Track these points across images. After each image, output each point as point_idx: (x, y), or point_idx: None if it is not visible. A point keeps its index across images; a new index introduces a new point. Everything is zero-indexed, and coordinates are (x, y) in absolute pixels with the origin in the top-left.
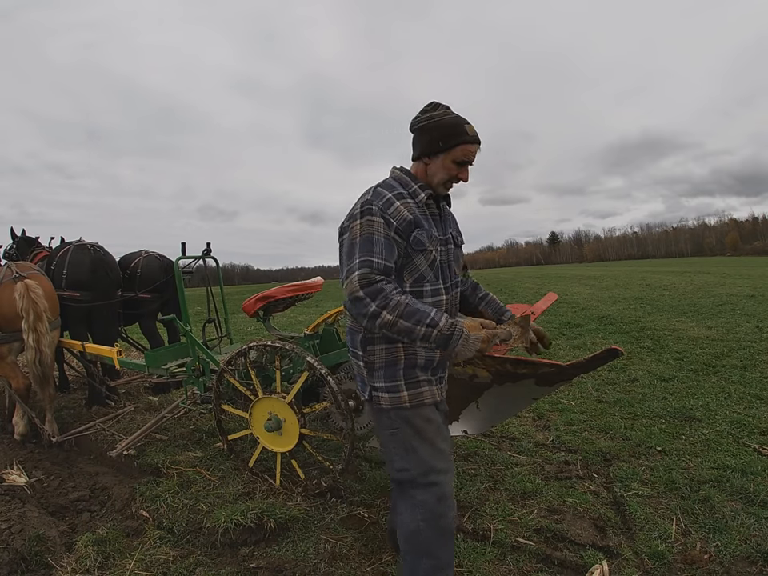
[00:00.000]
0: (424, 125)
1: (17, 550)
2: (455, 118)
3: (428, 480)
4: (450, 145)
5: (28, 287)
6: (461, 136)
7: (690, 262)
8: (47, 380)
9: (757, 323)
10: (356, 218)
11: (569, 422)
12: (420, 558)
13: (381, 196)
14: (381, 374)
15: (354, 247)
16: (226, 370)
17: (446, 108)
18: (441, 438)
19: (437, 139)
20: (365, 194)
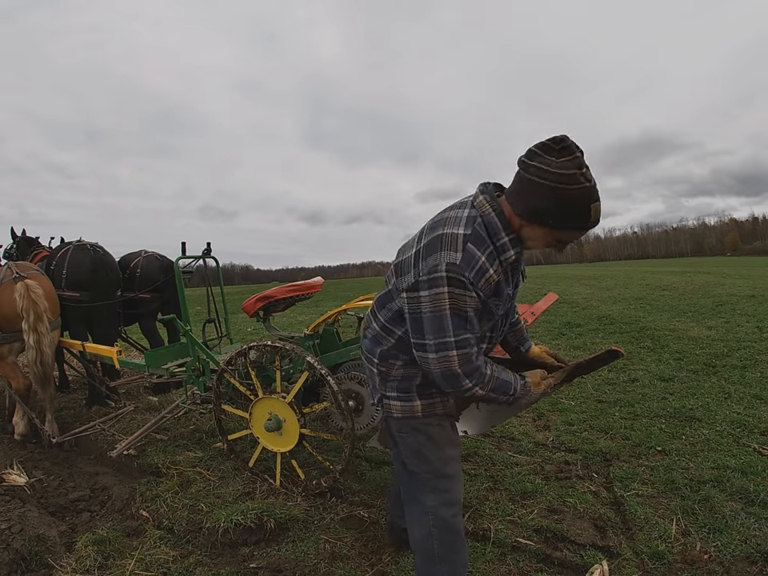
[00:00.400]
0: (540, 182)
1: (17, 550)
2: (584, 192)
3: (438, 485)
4: (564, 227)
5: (28, 287)
6: (582, 221)
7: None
8: (48, 380)
9: (757, 323)
10: (442, 284)
11: (569, 422)
12: (434, 564)
13: (472, 263)
14: (394, 386)
15: (445, 320)
16: (226, 369)
17: (579, 157)
18: (451, 445)
19: (550, 214)
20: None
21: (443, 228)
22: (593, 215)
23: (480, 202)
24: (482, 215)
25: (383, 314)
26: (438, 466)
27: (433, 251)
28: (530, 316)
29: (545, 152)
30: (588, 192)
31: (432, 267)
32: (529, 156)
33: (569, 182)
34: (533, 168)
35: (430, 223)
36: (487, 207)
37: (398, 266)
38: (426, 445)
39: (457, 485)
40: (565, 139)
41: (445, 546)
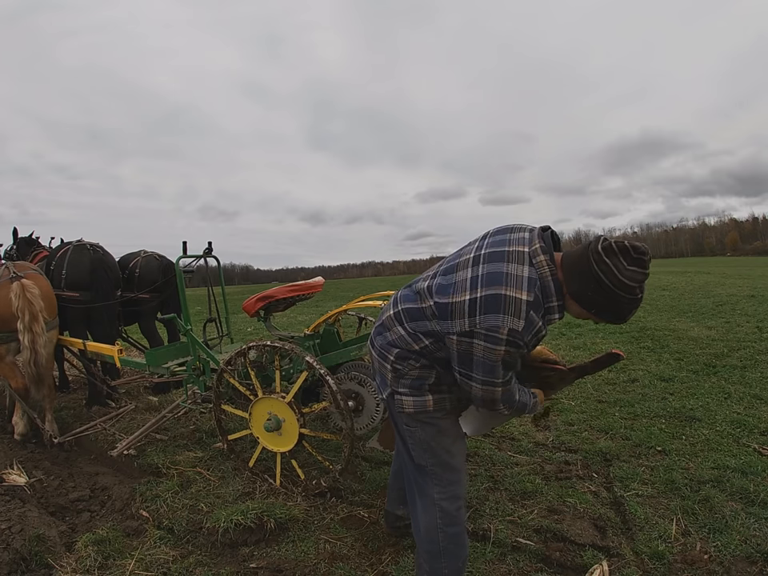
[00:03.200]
0: (604, 281)
1: (17, 550)
2: (633, 303)
3: (445, 478)
4: (601, 318)
5: (24, 287)
6: (616, 320)
7: (689, 262)
8: (42, 380)
9: (757, 323)
10: (500, 344)
11: (569, 422)
12: (438, 558)
13: (530, 328)
14: (407, 383)
15: (496, 368)
16: (226, 369)
17: (646, 273)
18: (458, 439)
19: (596, 306)
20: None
21: (505, 288)
22: (628, 318)
23: (540, 262)
24: (541, 277)
25: (412, 325)
26: (445, 458)
27: (494, 310)
28: None
29: (622, 255)
30: (636, 303)
31: (493, 326)
32: (606, 251)
33: (627, 292)
34: (604, 266)
35: (487, 270)
36: (546, 270)
37: (445, 307)
38: (435, 437)
39: (462, 478)
40: (645, 253)
41: (449, 538)
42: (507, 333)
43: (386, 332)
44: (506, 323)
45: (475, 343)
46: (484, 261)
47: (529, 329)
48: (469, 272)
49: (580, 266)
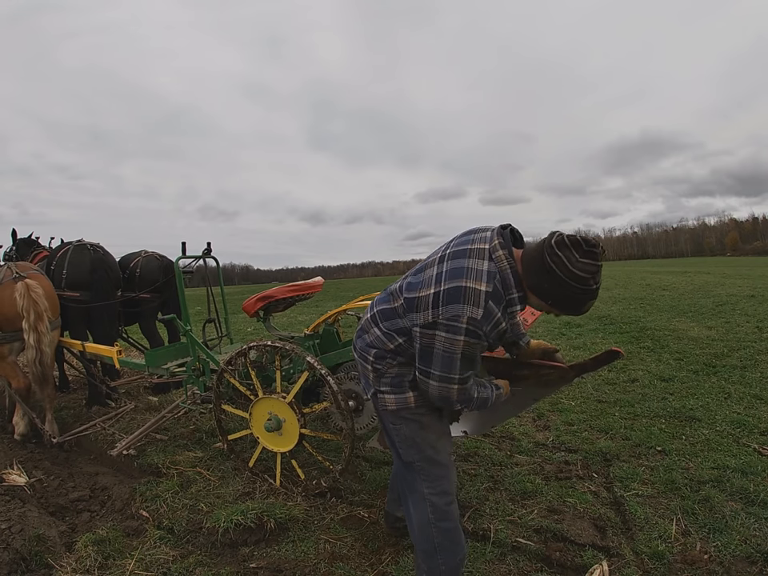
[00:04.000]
0: (557, 272)
1: (17, 550)
2: (587, 294)
3: (432, 473)
4: (559, 310)
5: (29, 287)
6: (574, 311)
7: (689, 262)
8: (47, 380)
9: (757, 323)
10: (460, 333)
11: (569, 422)
12: (434, 555)
13: (491, 318)
14: (387, 381)
15: (454, 362)
16: (226, 369)
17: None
18: (443, 434)
19: (552, 297)
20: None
21: (465, 280)
22: (584, 309)
23: (499, 256)
24: (500, 271)
25: (386, 325)
26: (430, 453)
27: (455, 300)
28: (529, 316)
29: (574, 248)
30: (590, 294)
31: (453, 316)
32: (558, 244)
33: (580, 283)
34: (556, 258)
35: (450, 267)
36: (505, 264)
37: (412, 301)
38: (418, 433)
39: (450, 473)
40: (596, 245)
41: (442, 534)
42: (467, 321)
43: (365, 334)
44: (465, 312)
45: (437, 335)
46: (448, 259)
47: (488, 318)
48: (435, 269)
49: (536, 259)
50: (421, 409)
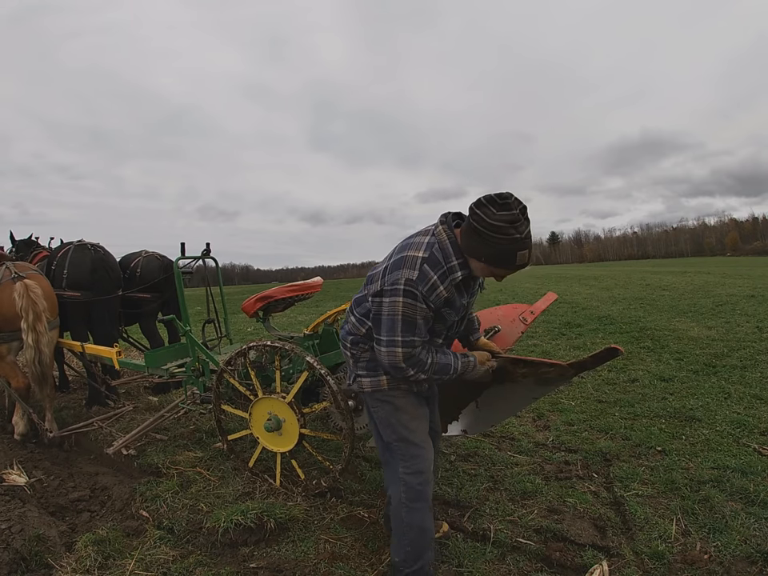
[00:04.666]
0: (479, 229)
1: (17, 550)
2: (512, 243)
3: (407, 452)
4: (495, 266)
5: (27, 287)
6: (508, 264)
7: (689, 262)
8: (46, 379)
9: (757, 323)
10: (398, 294)
11: (569, 422)
12: (403, 532)
13: (426, 280)
14: (363, 365)
15: (396, 323)
16: (226, 370)
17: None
18: (417, 416)
19: (483, 254)
20: (410, 266)
21: (408, 251)
22: (518, 260)
23: (439, 230)
24: (439, 242)
25: (358, 310)
26: (405, 434)
27: (397, 268)
28: (529, 315)
29: (489, 204)
30: (515, 242)
31: (394, 280)
32: (477, 204)
33: (500, 232)
34: (476, 216)
35: (399, 245)
36: (443, 236)
37: (371, 277)
38: (393, 414)
39: (424, 453)
40: (509, 197)
41: (411, 513)
42: (404, 282)
43: (346, 324)
44: (402, 275)
45: (382, 301)
46: (401, 242)
47: (423, 280)
48: (391, 253)
49: (464, 226)
50: (394, 391)
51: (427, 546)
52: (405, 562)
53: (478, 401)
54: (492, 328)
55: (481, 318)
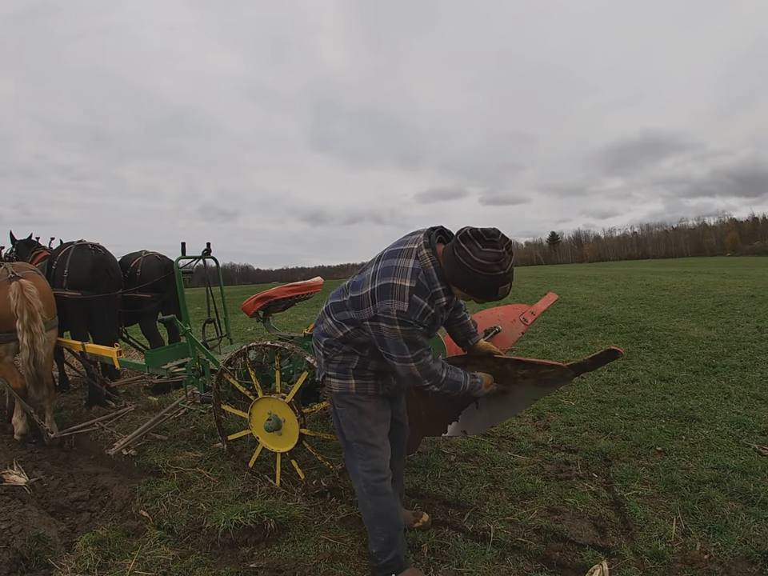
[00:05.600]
0: (463, 263)
1: (17, 550)
2: (494, 279)
3: (365, 453)
4: (476, 297)
5: (22, 287)
6: (489, 297)
7: (689, 262)
8: (41, 380)
9: (757, 323)
10: (395, 323)
11: (569, 422)
12: (371, 523)
13: (417, 308)
14: (334, 367)
15: (402, 346)
16: (226, 370)
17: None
18: (379, 420)
19: (466, 286)
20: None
21: (393, 278)
22: (499, 294)
23: (423, 255)
24: (424, 268)
25: (337, 316)
26: (364, 436)
27: (385, 296)
28: (529, 316)
29: (476, 239)
30: (499, 279)
31: (386, 310)
32: (463, 238)
33: (483, 270)
34: (461, 250)
35: (382, 266)
36: (428, 261)
37: (355, 284)
38: (356, 417)
39: (381, 454)
40: (495, 235)
41: (375, 504)
42: (396, 314)
43: (320, 324)
44: (393, 306)
45: (380, 326)
46: (383, 258)
47: (414, 309)
48: (372, 269)
49: (449, 254)
50: (360, 396)
51: (397, 535)
52: (380, 553)
53: (478, 401)
54: (492, 328)
55: (481, 318)
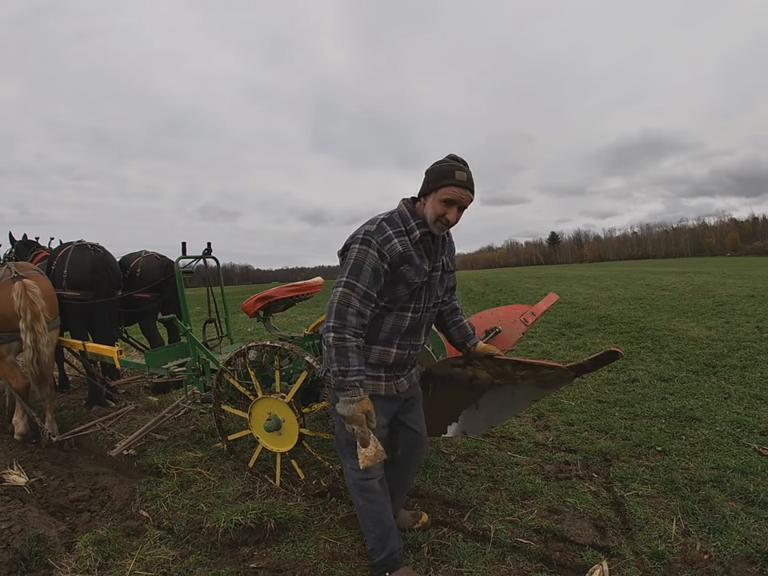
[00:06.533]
0: (427, 169)
1: (17, 550)
2: (450, 165)
3: (353, 453)
4: (438, 186)
5: (26, 286)
6: (447, 179)
7: (689, 262)
8: (45, 380)
9: (757, 323)
10: (356, 242)
11: (569, 422)
12: (364, 520)
13: (382, 232)
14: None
15: (347, 267)
16: (226, 370)
17: (455, 159)
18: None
19: (429, 181)
20: (371, 223)
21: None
22: (457, 177)
23: (399, 204)
24: (399, 212)
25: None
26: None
27: (359, 227)
28: (530, 316)
29: (442, 159)
30: (454, 165)
31: (356, 233)
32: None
33: (441, 162)
34: (430, 166)
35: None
36: (403, 207)
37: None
38: None
39: None
40: (457, 157)
41: (367, 502)
42: (363, 233)
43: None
44: (362, 228)
45: (345, 254)
46: None
47: (379, 231)
48: None
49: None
50: None
51: (389, 533)
52: (374, 551)
53: (478, 402)
54: (493, 329)
55: (482, 319)
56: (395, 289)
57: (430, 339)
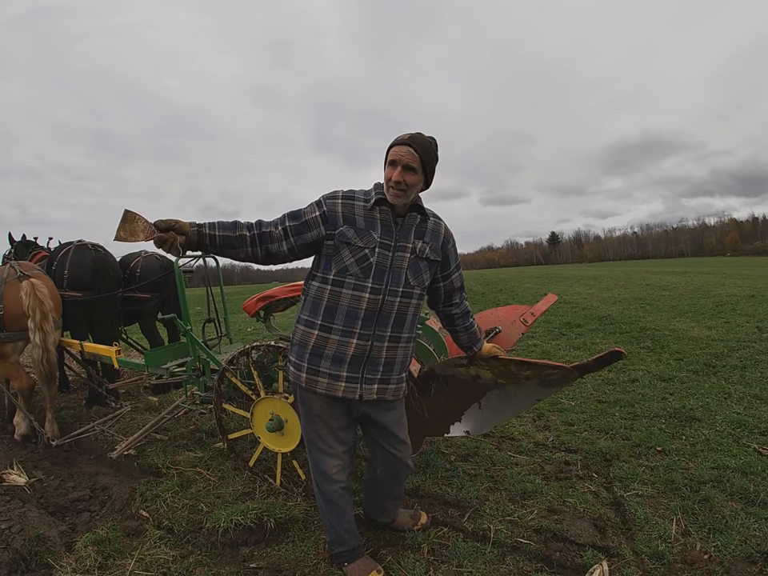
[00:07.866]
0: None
1: (17, 550)
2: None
3: (312, 454)
4: (387, 152)
5: (34, 286)
6: (392, 144)
7: (689, 262)
8: (54, 378)
9: (757, 323)
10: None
11: (569, 422)
12: (322, 511)
13: (335, 194)
14: (294, 351)
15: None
16: (228, 369)
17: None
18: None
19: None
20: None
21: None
22: (398, 138)
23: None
24: (365, 191)
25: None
26: (312, 437)
27: None
28: (529, 317)
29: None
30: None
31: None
32: None
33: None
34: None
35: None
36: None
37: None
38: (306, 416)
39: (328, 459)
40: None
41: (322, 496)
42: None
43: None
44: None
45: None
46: None
47: (332, 195)
48: None
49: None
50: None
51: (345, 530)
52: (332, 543)
53: (481, 402)
54: (493, 329)
55: (482, 319)
56: (339, 254)
57: (432, 339)
